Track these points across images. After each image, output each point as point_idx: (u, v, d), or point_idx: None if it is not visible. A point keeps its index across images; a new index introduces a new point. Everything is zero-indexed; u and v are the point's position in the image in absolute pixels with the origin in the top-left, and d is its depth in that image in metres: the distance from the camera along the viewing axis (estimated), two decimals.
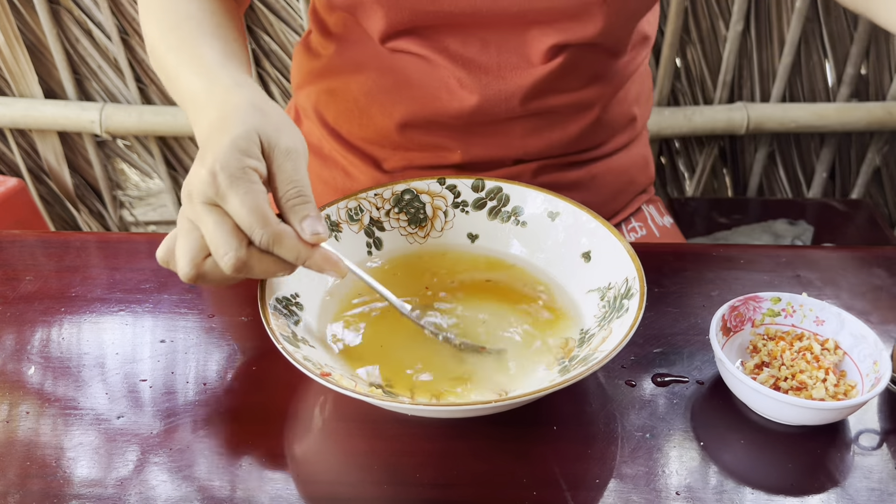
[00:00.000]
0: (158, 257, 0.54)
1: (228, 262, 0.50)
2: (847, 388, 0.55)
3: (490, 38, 0.71)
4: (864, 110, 1.45)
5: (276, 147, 0.53)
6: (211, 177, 0.50)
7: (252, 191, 0.50)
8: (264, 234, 0.50)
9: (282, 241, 0.50)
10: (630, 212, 0.88)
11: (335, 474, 0.51)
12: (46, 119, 1.50)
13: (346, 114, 0.80)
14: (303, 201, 0.52)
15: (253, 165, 0.51)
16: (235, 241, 0.50)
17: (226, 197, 0.50)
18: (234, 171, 0.50)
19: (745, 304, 0.59)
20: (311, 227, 0.52)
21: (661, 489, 0.50)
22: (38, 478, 0.51)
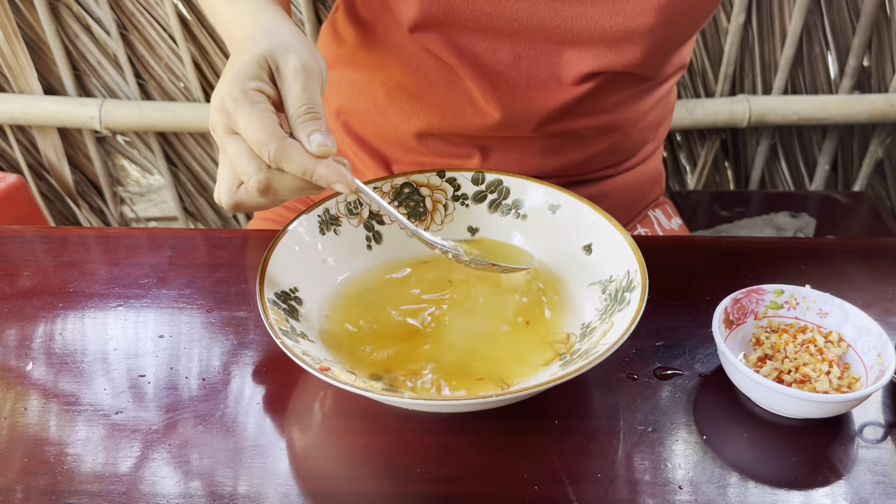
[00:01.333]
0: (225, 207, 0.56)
1: (253, 185, 0.51)
2: (851, 380, 0.54)
3: (523, 52, 0.69)
4: (867, 102, 1.44)
5: (284, 67, 0.53)
6: (221, 104, 0.52)
7: (256, 110, 0.51)
8: (270, 149, 0.50)
9: (288, 154, 0.51)
10: (637, 220, 0.88)
11: (335, 469, 0.51)
12: (46, 115, 1.50)
13: (364, 110, 0.79)
14: (312, 117, 0.52)
15: (256, 87, 0.52)
16: (255, 163, 0.51)
17: (236, 121, 0.51)
18: (238, 95, 0.51)
19: (747, 297, 0.58)
20: (318, 140, 0.52)
21: (663, 483, 0.49)
22: (39, 474, 0.50)
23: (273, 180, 0.52)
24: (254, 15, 0.59)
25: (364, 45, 0.76)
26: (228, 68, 0.54)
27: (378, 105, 0.77)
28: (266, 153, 0.50)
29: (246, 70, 0.53)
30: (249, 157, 0.51)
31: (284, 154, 0.51)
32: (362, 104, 0.78)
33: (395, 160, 0.79)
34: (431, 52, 0.71)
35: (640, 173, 0.84)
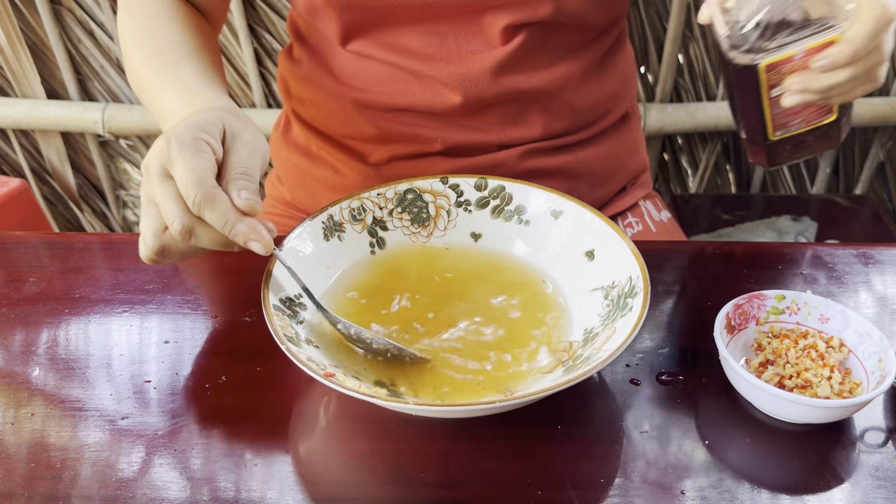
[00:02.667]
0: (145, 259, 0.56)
1: (176, 228, 0.52)
2: (852, 385, 0.55)
3: (446, 30, 0.72)
4: (868, 105, 1.45)
5: (237, 137, 0.56)
6: (166, 143, 0.53)
7: (197, 156, 0.52)
8: (197, 194, 0.51)
9: (213, 203, 0.51)
10: (626, 206, 0.88)
11: (340, 474, 0.51)
12: (49, 119, 1.50)
13: (328, 116, 0.82)
14: (247, 179, 0.54)
15: (206, 139, 0.54)
16: (181, 207, 0.52)
17: (174, 162, 0.52)
18: (186, 138, 0.53)
19: (749, 302, 0.59)
20: (246, 196, 0.53)
21: (665, 488, 0.50)
22: (44, 479, 0.51)
23: (196, 227, 0.53)
24: (214, 101, 0.62)
25: (314, 63, 0.80)
26: (185, 117, 0.56)
27: (342, 109, 0.80)
28: (192, 198, 0.51)
29: (201, 122, 0.55)
30: (176, 201, 0.52)
31: (209, 203, 0.51)
32: (327, 112, 0.82)
33: (368, 153, 0.82)
34: (367, 56, 0.75)
35: (613, 142, 0.85)
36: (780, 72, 0.59)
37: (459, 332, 0.58)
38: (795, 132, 0.65)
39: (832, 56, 0.55)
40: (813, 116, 0.63)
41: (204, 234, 0.53)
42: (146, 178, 0.54)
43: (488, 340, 0.58)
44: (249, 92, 1.50)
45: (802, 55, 0.57)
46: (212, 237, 0.53)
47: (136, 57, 0.71)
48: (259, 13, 1.41)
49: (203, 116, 0.56)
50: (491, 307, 0.61)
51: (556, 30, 0.74)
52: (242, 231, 0.52)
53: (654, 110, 1.45)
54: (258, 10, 1.41)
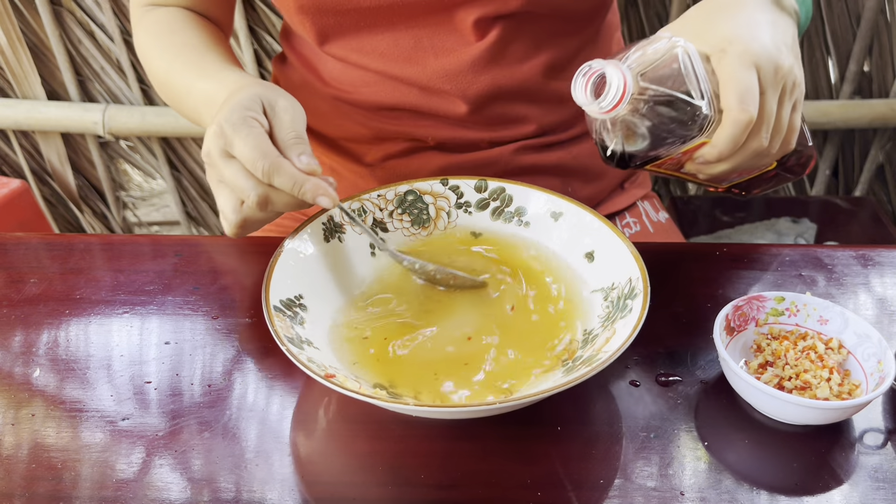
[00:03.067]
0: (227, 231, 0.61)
1: (253, 200, 0.57)
2: (851, 387, 0.55)
3: (421, 32, 0.73)
4: (867, 107, 1.45)
5: (275, 105, 0.61)
6: (220, 129, 0.58)
7: (252, 133, 0.57)
8: (264, 164, 0.56)
9: (280, 170, 0.56)
10: (625, 206, 0.88)
11: (340, 475, 0.51)
12: (49, 120, 1.50)
13: (321, 118, 0.82)
14: (300, 142, 0.59)
15: (253, 115, 0.58)
16: (251, 181, 0.57)
17: (232, 143, 0.57)
18: (236, 120, 0.58)
19: (748, 304, 0.59)
20: (306, 160, 0.58)
21: (665, 489, 0.50)
22: (44, 480, 0.51)
23: (270, 194, 0.58)
24: (241, 77, 0.67)
25: (305, 68, 0.82)
26: (224, 103, 0.61)
27: (334, 112, 0.81)
28: (260, 168, 0.56)
29: (243, 101, 0.59)
30: (246, 176, 0.57)
31: (276, 170, 0.56)
32: (320, 115, 0.82)
33: (363, 153, 0.82)
34: (346, 61, 0.77)
35: None
36: (672, 164, 0.60)
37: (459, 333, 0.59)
38: (739, 181, 0.66)
39: (704, 157, 0.57)
40: (746, 172, 0.63)
41: (278, 198, 0.58)
42: (209, 164, 0.59)
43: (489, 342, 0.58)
44: None
45: (681, 154, 0.58)
46: (285, 200, 0.58)
47: (160, 66, 0.76)
48: (259, 15, 1.42)
49: (241, 97, 0.60)
50: (491, 309, 0.61)
51: (531, 20, 0.73)
52: (310, 189, 0.58)
53: None
54: (258, 11, 1.41)
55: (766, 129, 0.57)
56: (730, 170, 0.59)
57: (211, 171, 0.60)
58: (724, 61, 0.55)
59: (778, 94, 0.57)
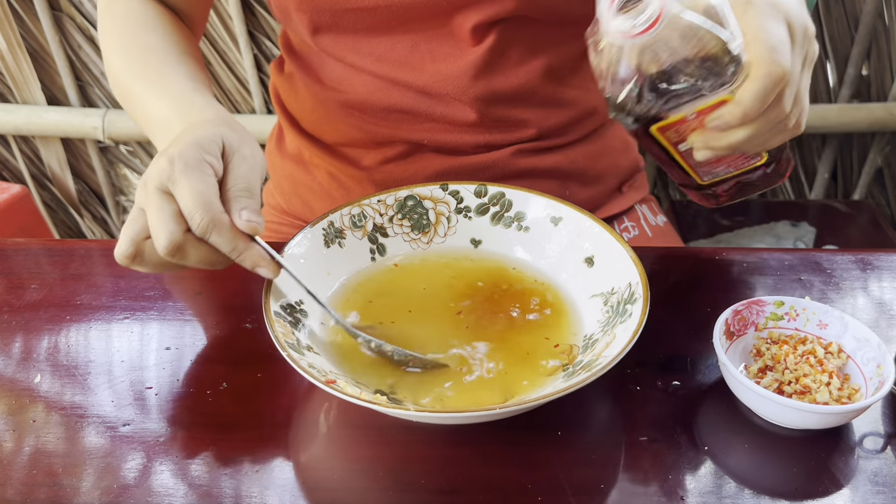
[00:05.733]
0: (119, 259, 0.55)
1: (163, 244, 0.52)
2: (851, 391, 0.55)
3: (418, 37, 0.73)
4: (866, 111, 1.45)
5: (236, 152, 0.56)
6: (168, 163, 0.53)
7: (202, 179, 0.53)
8: (203, 218, 0.52)
9: (219, 228, 0.52)
10: (623, 209, 0.88)
11: (341, 481, 0.51)
12: (49, 126, 1.50)
13: (318, 123, 0.82)
14: (248, 195, 0.55)
15: (209, 161, 0.54)
16: (174, 224, 0.52)
17: (177, 182, 0.52)
18: (191, 160, 0.53)
19: (748, 308, 0.59)
20: (248, 216, 0.54)
21: (665, 494, 0.50)
22: (45, 486, 0.51)
23: (187, 244, 0.53)
24: (206, 108, 0.62)
25: (302, 73, 0.81)
26: (180, 139, 0.56)
27: (331, 116, 0.81)
28: (197, 221, 0.52)
29: (202, 141, 0.55)
30: (172, 217, 0.52)
31: (216, 227, 0.52)
32: (318, 119, 0.82)
33: (360, 157, 0.82)
34: (342, 61, 0.76)
35: (603, 140, 0.85)
36: (679, 131, 0.55)
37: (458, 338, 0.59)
38: (725, 177, 0.61)
39: (723, 118, 0.52)
40: (739, 162, 0.59)
41: (194, 253, 0.53)
42: (142, 192, 0.54)
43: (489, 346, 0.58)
44: (249, 98, 1.50)
45: (694, 116, 0.53)
46: (199, 256, 0.54)
47: (117, 61, 0.71)
48: (259, 19, 1.42)
49: (202, 134, 0.56)
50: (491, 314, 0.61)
51: (528, 25, 0.73)
52: (249, 258, 0.54)
53: None
54: (258, 16, 1.41)
55: (790, 92, 0.52)
56: (745, 139, 0.53)
57: (140, 197, 0.55)
58: (750, 13, 0.50)
59: (803, 56, 0.52)
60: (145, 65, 0.68)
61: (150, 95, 0.66)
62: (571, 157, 0.82)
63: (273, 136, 0.92)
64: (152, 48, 0.70)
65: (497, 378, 0.55)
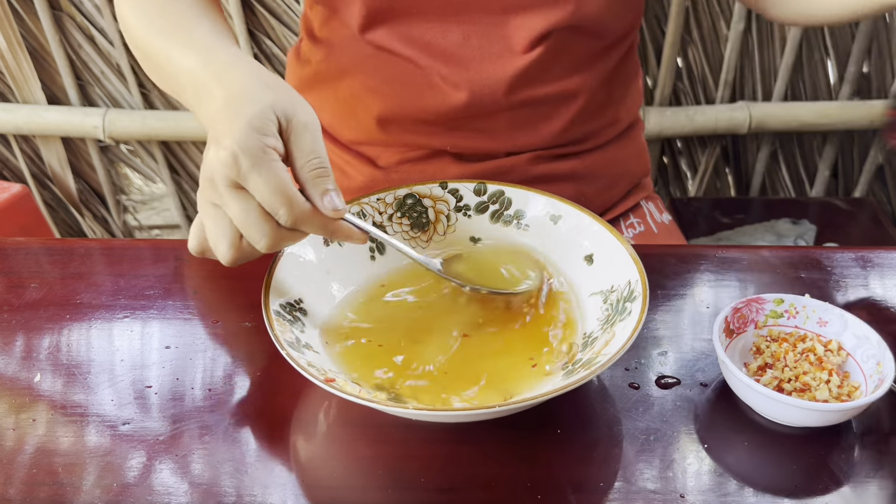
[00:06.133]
0: (192, 249, 0.56)
1: (264, 245, 0.52)
2: (851, 389, 0.55)
3: (471, 30, 0.72)
4: (867, 108, 1.45)
5: (292, 121, 0.53)
6: (232, 158, 0.50)
7: (274, 171, 0.50)
8: (289, 214, 0.51)
9: (306, 219, 0.52)
10: (628, 207, 0.89)
11: (340, 479, 0.51)
12: (50, 125, 1.51)
13: (337, 117, 0.81)
14: (323, 174, 0.53)
15: (272, 144, 0.51)
16: (267, 225, 0.51)
17: (248, 178, 0.50)
18: (255, 151, 0.50)
19: (747, 306, 0.59)
20: (331, 204, 0.53)
21: (665, 492, 0.50)
22: (45, 485, 0.51)
23: (284, 236, 0.53)
24: (236, 63, 0.56)
25: (325, 60, 0.79)
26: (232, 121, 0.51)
27: (348, 109, 0.79)
28: (283, 216, 0.51)
29: (257, 124, 0.51)
30: (259, 217, 0.51)
31: (303, 219, 0.52)
32: (334, 112, 0.81)
33: (377, 156, 0.81)
34: (385, 50, 0.73)
35: (620, 148, 0.86)
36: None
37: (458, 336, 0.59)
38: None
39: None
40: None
41: (290, 239, 0.54)
42: (210, 190, 0.52)
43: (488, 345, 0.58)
44: None
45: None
46: (296, 240, 0.55)
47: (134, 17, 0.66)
48: (259, 18, 1.42)
49: (253, 112, 0.51)
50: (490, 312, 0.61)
51: (576, 38, 0.73)
52: (342, 233, 0.55)
53: (653, 114, 1.46)
54: (258, 14, 1.41)
55: None
56: None
57: (210, 193, 0.53)
58: None
59: None
60: (166, 19, 0.64)
61: (174, 51, 0.60)
62: (588, 162, 0.83)
63: None
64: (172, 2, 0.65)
65: (496, 376, 0.55)
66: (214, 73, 0.56)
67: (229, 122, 0.51)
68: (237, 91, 0.53)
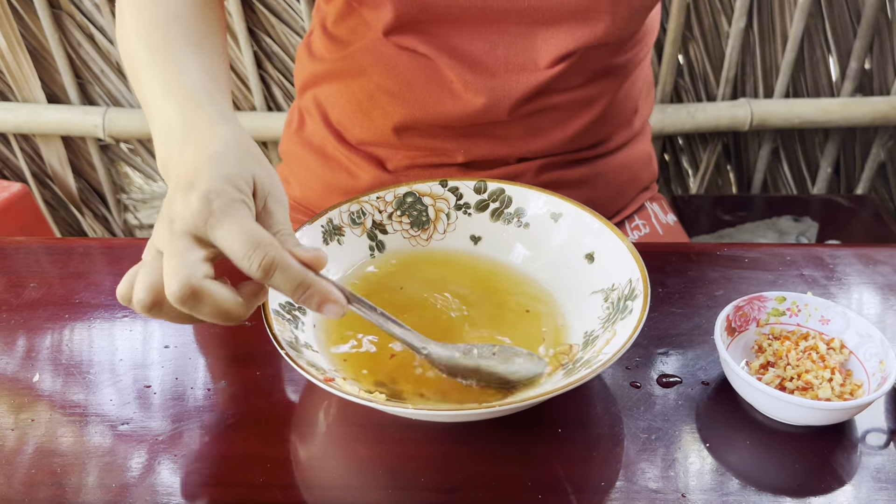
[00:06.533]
0: (119, 294, 0.50)
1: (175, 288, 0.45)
2: (853, 387, 0.54)
3: (498, 39, 0.71)
4: (869, 105, 1.44)
5: (269, 194, 0.50)
6: (204, 204, 0.46)
7: (249, 217, 0.47)
8: (265, 256, 0.46)
9: (284, 265, 0.46)
10: (633, 209, 0.88)
11: (339, 479, 0.51)
12: (50, 124, 1.50)
13: (349, 116, 0.80)
14: (294, 241, 0.49)
15: (246, 200, 0.48)
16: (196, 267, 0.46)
17: (219, 223, 0.46)
18: (230, 198, 0.47)
19: (749, 304, 0.59)
20: (311, 252, 0.48)
21: (666, 491, 0.50)
22: (45, 485, 0.51)
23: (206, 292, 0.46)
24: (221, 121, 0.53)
25: (340, 58, 0.78)
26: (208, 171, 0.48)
27: (362, 109, 0.78)
28: (258, 259, 0.45)
29: (235, 180, 0.48)
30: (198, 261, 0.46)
31: (282, 264, 0.46)
32: (347, 111, 0.80)
33: (386, 158, 0.80)
34: (408, 50, 0.72)
35: (629, 154, 0.85)
36: None
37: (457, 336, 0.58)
38: None
39: None
40: None
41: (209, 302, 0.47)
42: (165, 233, 0.47)
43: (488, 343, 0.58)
44: (250, 95, 1.50)
45: None
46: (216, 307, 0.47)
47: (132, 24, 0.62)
48: (258, 16, 1.41)
49: (232, 171, 0.48)
50: (489, 311, 0.61)
51: (601, 50, 0.72)
52: (318, 293, 0.48)
53: (654, 111, 1.45)
54: (258, 13, 1.41)
55: None
56: None
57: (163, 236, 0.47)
58: None
59: None
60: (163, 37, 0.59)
61: (157, 83, 0.57)
62: (597, 169, 0.82)
63: (291, 124, 0.89)
64: (176, 17, 0.61)
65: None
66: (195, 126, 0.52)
67: (205, 171, 0.48)
68: (220, 148, 0.50)
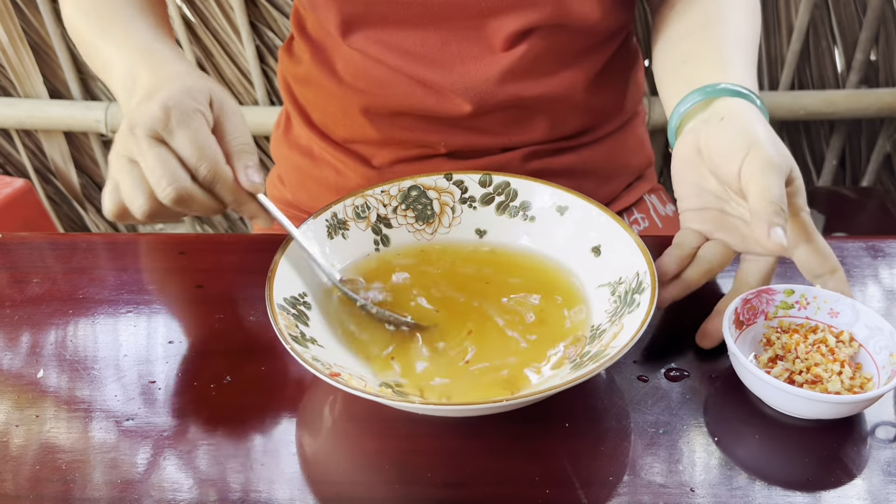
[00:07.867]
0: (108, 212, 0.55)
1: (170, 193, 0.52)
2: (863, 380, 0.54)
3: (450, 35, 0.71)
4: (874, 97, 1.44)
5: (224, 104, 0.56)
6: (163, 112, 0.52)
7: (202, 130, 0.53)
8: (209, 171, 0.53)
9: (223, 182, 0.54)
10: (631, 202, 0.88)
11: (346, 474, 0.51)
12: (52, 119, 1.50)
13: (329, 116, 0.81)
14: (248, 150, 0.56)
15: (203, 111, 0.54)
16: (182, 172, 0.52)
17: (174, 131, 0.52)
18: (188, 109, 0.53)
19: (757, 297, 0.58)
20: (251, 177, 0.55)
21: (675, 485, 0.49)
22: (51, 481, 0.50)
23: (195, 193, 0.54)
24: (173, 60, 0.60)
25: (316, 61, 0.79)
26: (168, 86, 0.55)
27: (343, 110, 0.79)
28: (203, 172, 0.53)
29: (194, 92, 0.54)
30: (176, 166, 0.52)
31: (222, 181, 0.54)
32: (327, 111, 0.81)
33: (371, 156, 0.81)
34: (367, 55, 0.74)
35: (618, 141, 0.84)
36: None
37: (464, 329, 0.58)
38: None
39: None
40: None
41: (199, 199, 0.54)
42: (129, 139, 0.53)
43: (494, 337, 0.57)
44: (252, 89, 1.50)
45: None
46: (203, 203, 0.55)
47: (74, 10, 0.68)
48: (261, 10, 1.41)
49: (191, 83, 0.55)
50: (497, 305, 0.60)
51: (561, 34, 0.72)
52: (250, 210, 0.57)
53: (657, 104, 1.45)
54: (260, 7, 1.40)
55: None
56: None
57: (128, 145, 0.53)
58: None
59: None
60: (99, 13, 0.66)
61: (109, 47, 0.63)
62: (584, 157, 0.81)
63: (279, 125, 0.90)
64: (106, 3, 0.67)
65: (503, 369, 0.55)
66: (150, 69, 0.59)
67: (166, 87, 0.54)
68: (177, 71, 0.58)
